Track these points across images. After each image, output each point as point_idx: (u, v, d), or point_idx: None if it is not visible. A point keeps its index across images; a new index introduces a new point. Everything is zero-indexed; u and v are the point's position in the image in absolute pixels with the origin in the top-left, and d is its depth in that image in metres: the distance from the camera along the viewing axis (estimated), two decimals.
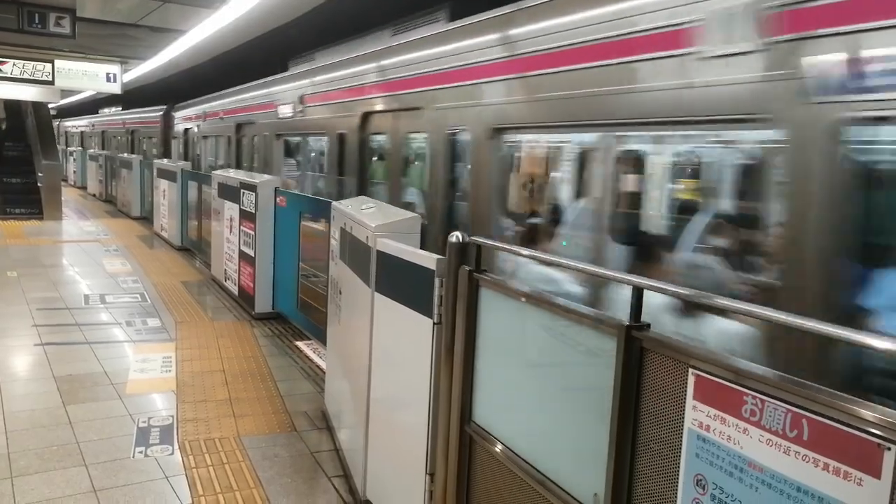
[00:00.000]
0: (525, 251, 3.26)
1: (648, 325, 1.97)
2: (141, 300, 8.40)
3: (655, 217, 4.23)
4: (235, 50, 12.09)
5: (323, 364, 5.97)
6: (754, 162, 3.58)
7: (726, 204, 3.94)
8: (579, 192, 4.61)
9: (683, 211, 4.10)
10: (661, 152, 4.17)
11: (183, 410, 5.03)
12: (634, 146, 4.04)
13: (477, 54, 4.82)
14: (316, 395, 5.46)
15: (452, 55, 5.17)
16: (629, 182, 4.07)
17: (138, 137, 21.25)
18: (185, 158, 16.02)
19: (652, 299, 2.20)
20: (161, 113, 18.43)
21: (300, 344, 6.85)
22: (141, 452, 4.36)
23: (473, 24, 5.06)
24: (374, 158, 7.13)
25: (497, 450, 2.66)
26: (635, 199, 4.17)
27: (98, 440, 4.50)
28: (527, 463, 2.47)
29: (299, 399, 5.38)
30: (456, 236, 2.91)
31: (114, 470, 4.12)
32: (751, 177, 3.64)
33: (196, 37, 11.18)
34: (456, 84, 5.07)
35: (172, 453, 4.37)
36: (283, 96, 9.50)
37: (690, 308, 3.07)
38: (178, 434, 4.64)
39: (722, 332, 2.98)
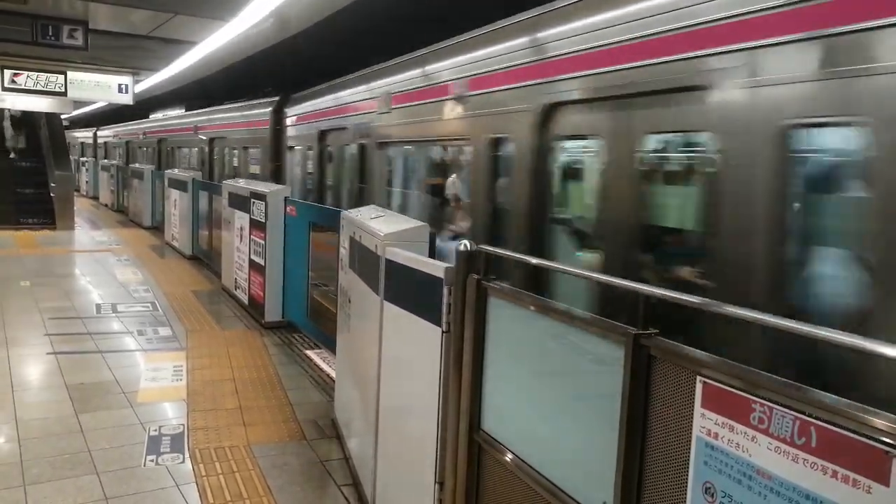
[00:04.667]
0: (534, 260, 3.27)
1: (657, 333, 1.98)
2: (152, 309, 8.45)
3: None
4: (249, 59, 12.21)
5: (332, 373, 5.98)
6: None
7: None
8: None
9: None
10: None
11: (193, 419, 5.05)
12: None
13: None
14: (325, 403, 5.48)
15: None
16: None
17: None
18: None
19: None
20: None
21: (310, 353, 6.87)
22: (152, 461, 4.38)
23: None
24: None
25: (506, 458, 2.66)
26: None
27: (109, 448, 4.52)
28: (535, 471, 2.47)
29: (309, 408, 5.40)
30: (464, 244, 2.92)
31: (125, 478, 4.14)
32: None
33: (207, 48, 11.29)
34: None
35: (183, 462, 4.39)
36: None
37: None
38: (188, 442, 4.66)
39: None
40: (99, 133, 30.53)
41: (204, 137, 15.77)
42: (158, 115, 22.95)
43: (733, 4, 3.03)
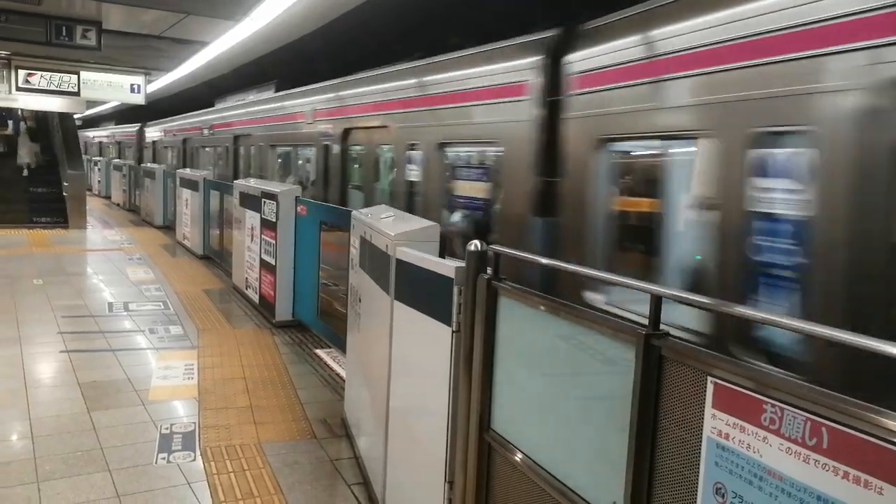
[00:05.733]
0: (545, 260, 3.27)
1: (667, 334, 1.98)
2: (164, 308, 8.50)
3: None
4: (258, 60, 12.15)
5: (342, 372, 6.00)
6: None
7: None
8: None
9: None
10: None
11: (205, 417, 5.08)
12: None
13: None
14: (335, 402, 5.50)
15: None
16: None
17: None
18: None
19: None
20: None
21: (320, 352, 6.89)
22: (164, 458, 4.41)
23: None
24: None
25: (516, 458, 2.66)
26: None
27: (122, 446, 4.56)
28: (545, 471, 2.48)
29: (319, 407, 5.41)
30: (475, 245, 2.93)
31: (137, 475, 4.17)
32: None
33: (219, 48, 11.34)
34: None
35: (194, 459, 4.42)
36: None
37: None
38: (199, 440, 4.69)
39: None
40: (147, 130, 23.31)
41: (329, 131, 8.84)
42: (228, 101, 15.34)
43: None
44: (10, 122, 18.75)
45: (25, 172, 17.58)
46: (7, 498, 3.84)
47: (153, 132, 22.36)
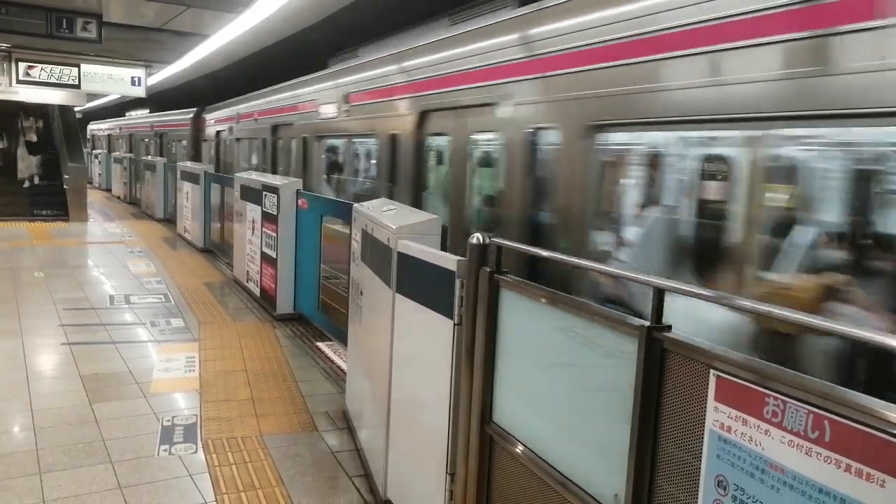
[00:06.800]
0: (545, 252, 3.27)
1: (670, 327, 1.98)
2: (165, 301, 8.51)
3: None
4: (262, 51, 12.09)
5: (343, 365, 6.01)
6: None
7: None
8: None
9: None
10: None
11: (206, 409, 5.09)
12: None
13: None
14: (337, 395, 5.51)
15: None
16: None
17: None
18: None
19: None
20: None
21: (321, 345, 6.90)
22: (165, 450, 4.42)
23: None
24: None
25: (517, 450, 2.67)
26: None
27: (123, 438, 4.57)
28: (547, 463, 2.48)
29: (320, 399, 5.43)
30: (477, 238, 2.92)
31: (139, 467, 4.18)
32: None
33: (220, 40, 11.32)
34: None
35: (196, 451, 4.43)
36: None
37: None
38: (201, 432, 4.70)
39: None
40: (207, 116, 16.52)
41: None
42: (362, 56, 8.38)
43: None
44: (5, 136, 17.83)
45: (27, 184, 17.09)
46: (9, 489, 3.86)
47: (215, 119, 15.66)
